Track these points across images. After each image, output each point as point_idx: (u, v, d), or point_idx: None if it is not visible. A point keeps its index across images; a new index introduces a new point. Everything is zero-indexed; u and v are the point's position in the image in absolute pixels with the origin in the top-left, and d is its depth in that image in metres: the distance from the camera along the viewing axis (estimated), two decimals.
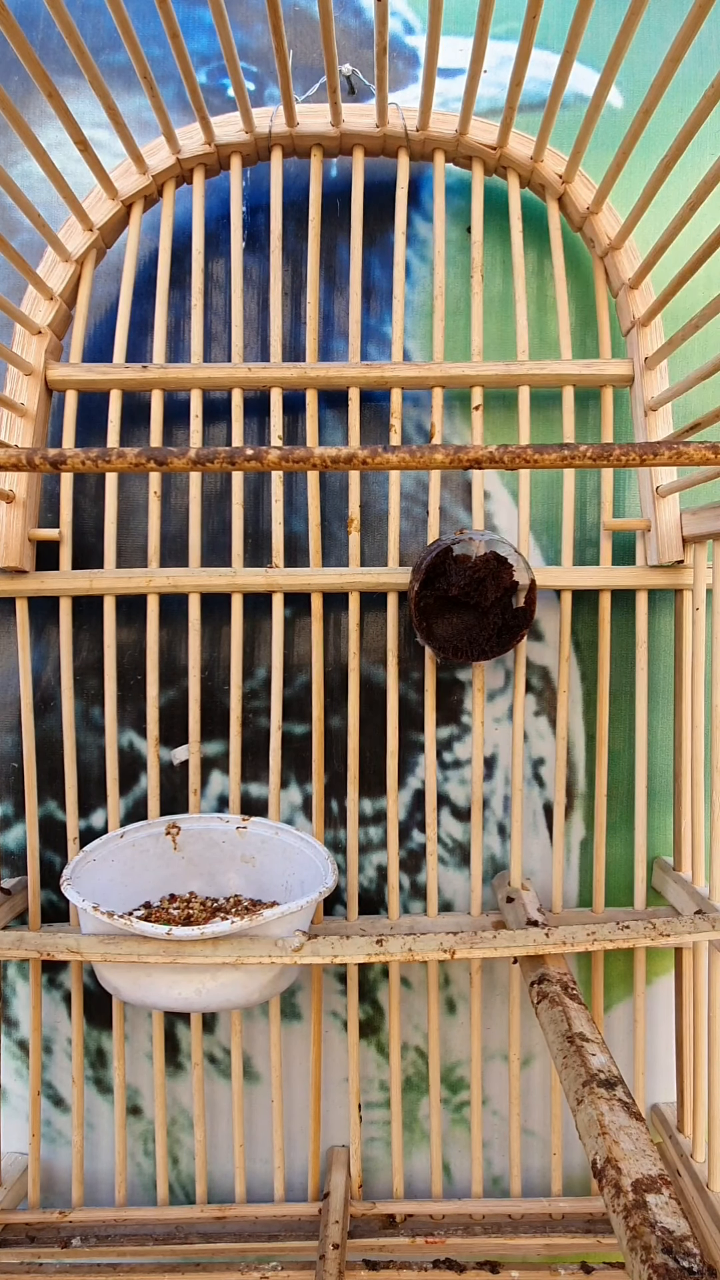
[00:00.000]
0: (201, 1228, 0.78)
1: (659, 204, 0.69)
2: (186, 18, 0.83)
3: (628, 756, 0.82)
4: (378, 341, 0.83)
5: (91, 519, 0.81)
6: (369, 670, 0.82)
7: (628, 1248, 0.39)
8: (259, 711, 0.82)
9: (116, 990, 0.63)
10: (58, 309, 0.77)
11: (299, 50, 0.83)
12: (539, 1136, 0.83)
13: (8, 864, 0.81)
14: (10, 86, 0.81)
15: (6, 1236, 0.76)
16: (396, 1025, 0.79)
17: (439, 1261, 0.74)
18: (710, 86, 0.54)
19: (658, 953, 0.82)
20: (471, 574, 0.72)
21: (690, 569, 0.77)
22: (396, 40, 0.84)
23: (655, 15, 0.79)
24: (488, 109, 0.82)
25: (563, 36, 0.61)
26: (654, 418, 0.77)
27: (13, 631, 0.81)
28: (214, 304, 0.83)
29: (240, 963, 0.59)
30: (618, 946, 0.63)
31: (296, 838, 0.73)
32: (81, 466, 0.51)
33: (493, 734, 0.83)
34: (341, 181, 0.82)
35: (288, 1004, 0.83)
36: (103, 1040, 0.83)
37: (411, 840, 0.83)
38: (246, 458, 0.51)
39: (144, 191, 0.78)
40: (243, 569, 0.78)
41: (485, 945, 0.62)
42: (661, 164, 0.63)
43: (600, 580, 0.78)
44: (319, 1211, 0.77)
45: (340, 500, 0.82)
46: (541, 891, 0.82)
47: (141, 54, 0.63)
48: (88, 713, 0.82)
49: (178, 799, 0.82)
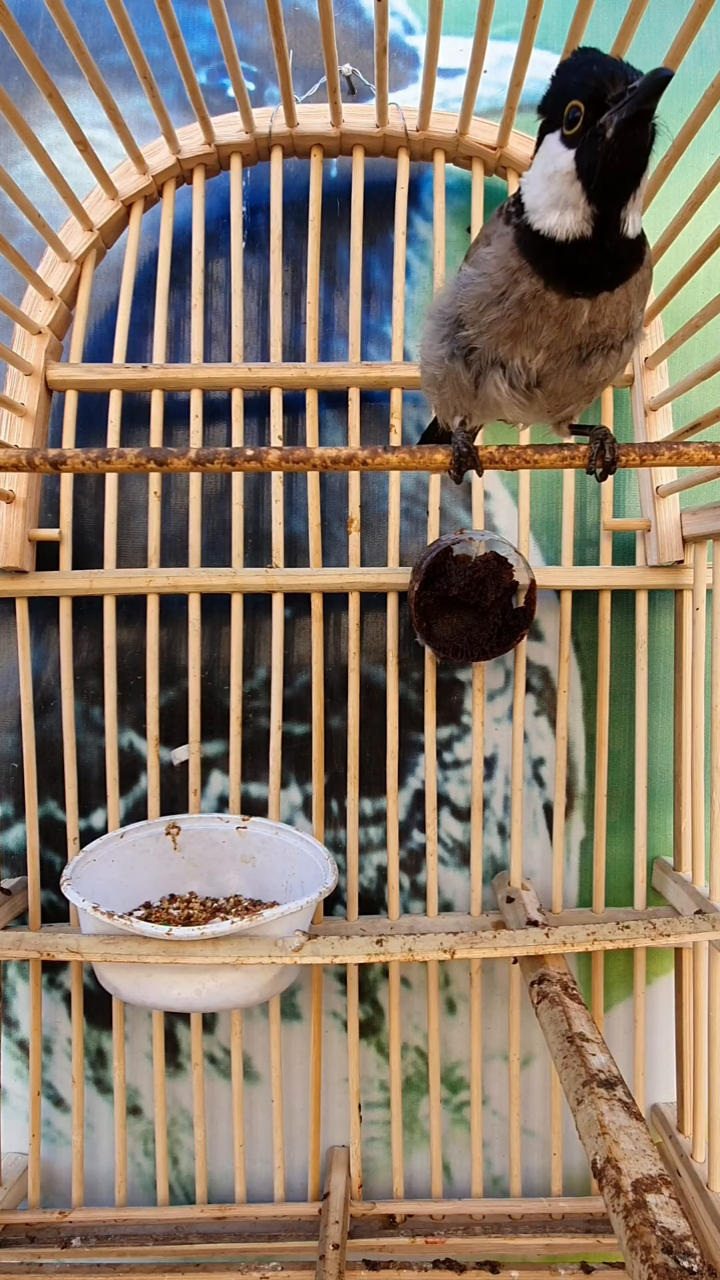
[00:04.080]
0: (201, 1228, 0.78)
1: (659, 204, 0.69)
2: (186, 18, 0.83)
3: (628, 756, 0.82)
4: (378, 341, 0.83)
5: (91, 519, 0.81)
6: (369, 670, 0.82)
7: (628, 1248, 0.39)
8: (259, 711, 0.82)
9: (116, 990, 0.63)
10: (58, 309, 0.77)
11: (299, 50, 0.83)
12: (539, 1136, 0.83)
13: (8, 864, 0.81)
14: (10, 86, 0.81)
15: (6, 1236, 0.76)
16: (396, 1025, 0.79)
17: (439, 1262, 0.74)
18: (710, 86, 0.54)
19: (658, 953, 0.82)
20: (471, 574, 0.72)
21: (690, 569, 0.77)
22: (396, 40, 0.84)
23: (655, 15, 0.78)
24: (488, 109, 0.82)
25: (563, 36, 0.61)
26: (654, 418, 0.77)
27: (13, 631, 0.81)
28: (214, 304, 0.83)
29: (240, 963, 0.59)
30: (618, 946, 0.63)
31: (297, 838, 0.73)
32: (81, 467, 0.51)
33: (493, 734, 0.83)
34: (341, 182, 0.82)
35: (288, 1004, 0.83)
36: (103, 1040, 0.83)
37: (411, 840, 0.83)
38: (246, 458, 0.51)
39: (144, 191, 0.78)
40: (243, 569, 0.78)
41: (485, 945, 0.62)
42: (661, 164, 0.63)
43: (600, 580, 0.78)
44: (319, 1211, 0.77)
45: (340, 500, 0.82)
46: (541, 891, 0.82)
47: (141, 54, 0.63)
48: (88, 713, 0.82)
49: (178, 799, 0.82)
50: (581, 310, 0.45)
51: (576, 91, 0.40)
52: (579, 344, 0.46)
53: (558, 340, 0.46)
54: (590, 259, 0.43)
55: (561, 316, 0.45)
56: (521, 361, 0.47)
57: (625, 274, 0.44)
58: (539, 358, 0.47)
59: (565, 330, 0.45)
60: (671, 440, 0.63)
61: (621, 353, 0.48)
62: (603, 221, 0.42)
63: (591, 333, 0.46)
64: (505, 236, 0.45)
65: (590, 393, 0.50)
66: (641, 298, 0.47)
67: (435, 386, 0.53)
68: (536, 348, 0.46)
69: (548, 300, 0.44)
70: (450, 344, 0.49)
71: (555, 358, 0.47)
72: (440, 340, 0.50)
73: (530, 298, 0.45)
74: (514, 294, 0.45)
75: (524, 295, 0.45)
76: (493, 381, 0.48)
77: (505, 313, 0.46)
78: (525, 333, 0.46)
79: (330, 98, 0.73)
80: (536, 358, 0.47)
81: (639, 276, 0.46)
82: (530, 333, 0.46)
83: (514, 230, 0.45)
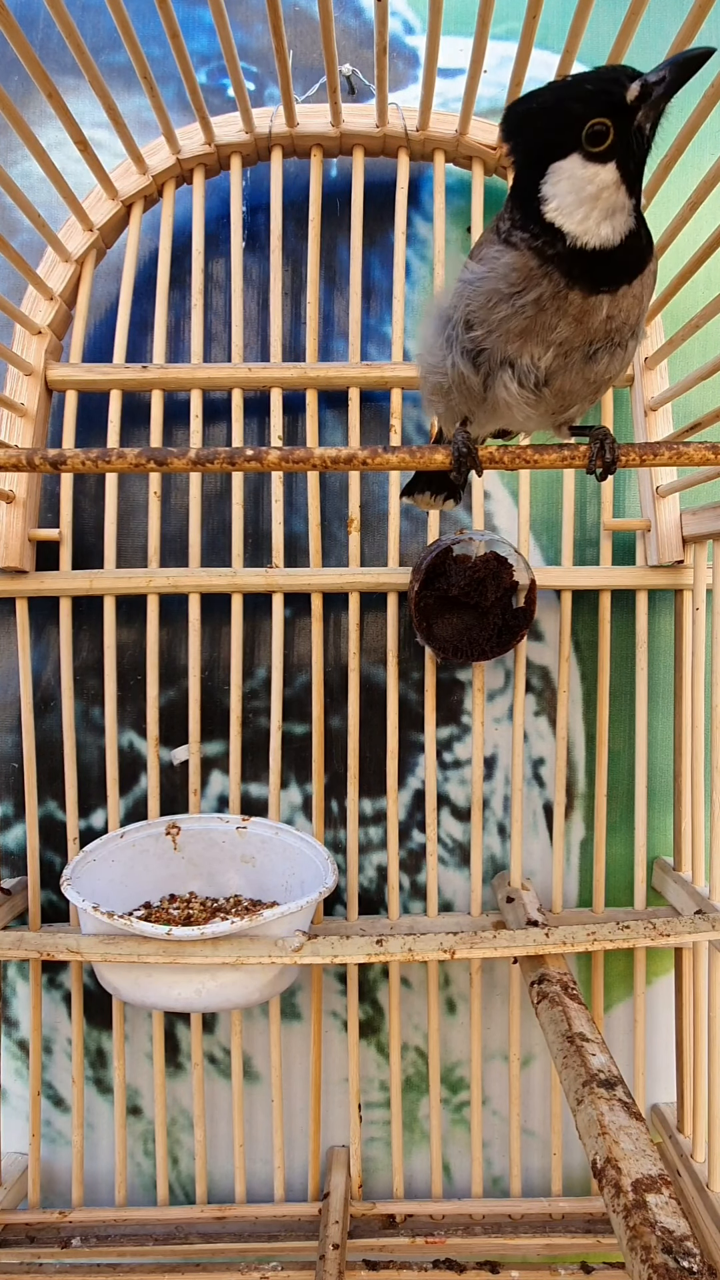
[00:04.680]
0: (201, 1228, 0.78)
1: (659, 204, 0.69)
2: (186, 18, 0.83)
3: (628, 756, 0.82)
4: (378, 341, 0.83)
5: (91, 519, 0.81)
6: (369, 670, 0.82)
7: (628, 1248, 0.39)
8: (259, 711, 0.82)
9: (116, 990, 0.63)
10: (58, 309, 0.77)
11: (299, 50, 0.83)
12: (539, 1136, 0.83)
13: (8, 864, 0.81)
14: (10, 86, 0.81)
15: (6, 1236, 0.76)
16: (396, 1025, 0.79)
17: (439, 1261, 0.74)
18: (710, 86, 0.54)
19: (658, 953, 0.82)
20: (471, 574, 0.72)
21: (690, 569, 0.77)
22: (396, 40, 0.84)
23: (655, 15, 0.78)
24: (488, 109, 0.82)
25: (563, 36, 0.61)
26: (654, 418, 0.77)
27: (13, 632, 0.81)
28: (214, 304, 0.83)
29: (240, 963, 0.59)
30: (618, 946, 0.63)
31: (297, 838, 0.73)
32: (81, 467, 0.51)
33: (493, 734, 0.83)
34: (341, 181, 0.82)
35: (288, 1004, 0.83)
36: (103, 1040, 0.83)
37: (411, 840, 0.83)
38: (246, 458, 0.51)
39: (144, 191, 0.78)
40: (243, 569, 0.78)
41: (485, 945, 0.62)
42: (661, 164, 0.63)
43: (600, 580, 0.78)
44: (319, 1212, 0.77)
45: (340, 500, 0.82)
46: (541, 891, 0.82)
47: (141, 54, 0.63)
48: (88, 713, 0.82)
49: (178, 799, 0.82)
50: (601, 306, 0.45)
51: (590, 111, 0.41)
52: (590, 340, 0.46)
53: (571, 337, 0.46)
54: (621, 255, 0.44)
55: (580, 314, 0.45)
56: (531, 359, 0.47)
57: (643, 264, 0.45)
58: (548, 355, 0.47)
59: (581, 327, 0.46)
60: (671, 440, 0.63)
61: (627, 350, 0.48)
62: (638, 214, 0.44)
63: (606, 329, 0.46)
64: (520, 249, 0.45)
65: (595, 391, 0.50)
66: (649, 291, 0.47)
67: (441, 395, 0.53)
68: (547, 345, 0.47)
69: (570, 299, 0.45)
70: (456, 346, 0.49)
71: (564, 355, 0.47)
72: (444, 344, 0.50)
73: (549, 297, 0.45)
74: (531, 293, 0.45)
75: (542, 295, 0.45)
76: (502, 381, 0.48)
77: (517, 309, 0.46)
78: (537, 330, 0.46)
79: (330, 98, 0.73)
80: (546, 355, 0.47)
81: (651, 266, 0.46)
82: (543, 330, 0.46)
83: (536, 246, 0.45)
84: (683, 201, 0.62)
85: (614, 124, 0.41)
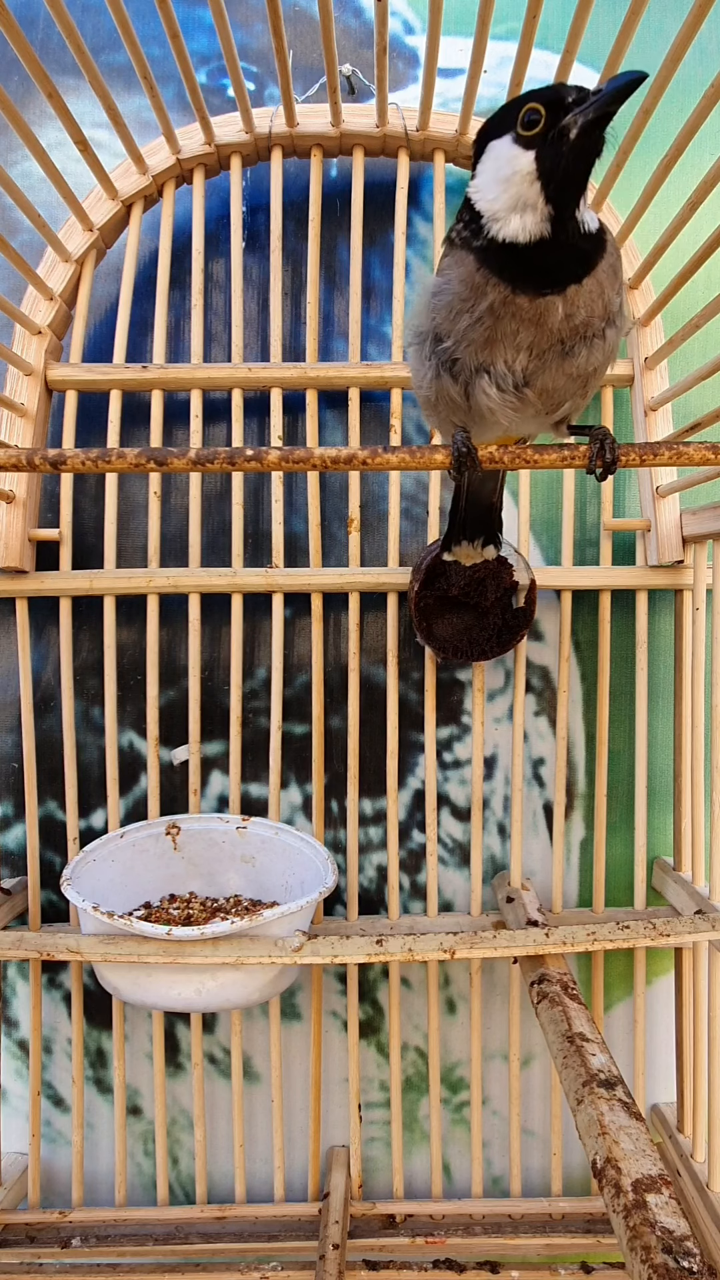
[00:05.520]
0: (201, 1228, 0.78)
1: (659, 203, 0.69)
2: (186, 18, 0.83)
3: (628, 756, 0.82)
4: (378, 341, 0.83)
5: (91, 519, 0.81)
6: (369, 670, 0.82)
7: (628, 1248, 0.39)
8: (259, 711, 0.82)
9: (116, 990, 0.63)
10: (58, 309, 0.77)
11: (299, 50, 0.83)
12: (539, 1136, 0.83)
13: (8, 864, 0.81)
14: (10, 86, 0.81)
15: (6, 1236, 0.76)
16: (396, 1025, 0.79)
17: (439, 1261, 0.74)
18: (710, 86, 0.54)
19: (658, 953, 0.82)
20: (471, 574, 0.72)
21: (690, 569, 0.77)
22: (396, 40, 0.84)
23: (655, 15, 0.78)
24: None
25: (563, 36, 0.61)
26: (654, 418, 0.77)
27: (13, 631, 0.81)
28: (214, 304, 0.83)
29: (240, 963, 0.59)
30: (618, 946, 0.63)
31: (297, 838, 0.73)
32: (81, 467, 0.51)
33: (493, 734, 0.83)
34: (341, 181, 0.82)
35: (288, 1004, 0.83)
36: (103, 1040, 0.83)
37: (411, 840, 0.83)
38: (246, 458, 0.51)
39: (144, 191, 0.78)
40: (243, 569, 0.78)
41: (485, 945, 0.62)
42: (661, 164, 0.63)
43: (600, 580, 0.78)
44: (319, 1212, 0.77)
45: (340, 500, 0.82)
46: (541, 891, 0.82)
47: (141, 54, 0.63)
48: (88, 713, 0.82)
49: (178, 799, 0.82)
50: (555, 307, 0.45)
51: (534, 96, 0.42)
52: (560, 339, 0.46)
53: (537, 339, 0.46)
54: (554, 257, 0.44)
55: (535, 317, 0.45)
56: (505, 364, 0.47)
57: (591, 264, 0.45)
58: (521, 358, 0.47)
59: (542, 329, 0.46)
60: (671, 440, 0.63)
61: (605, 339, 0.48)
62: (559, 220, 0.43)
63: (570, 325, 0.46)
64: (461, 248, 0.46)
65: (583, 385, 0.50)
66: (614, 280, 0.47)
67: (431, 408, 0.53)
68: (517, 349, 0.47)
69: (518, 304, 0.45)
70: (435, 360, 0.50)
71: (539, 355, 0.47)
72: (425, 359, 0.51)
73: (500, 304, 0.45)
74: (482, 303, 0.45)
75: (493, 303, 0.45)
76: (481, 388, 0.48)
77: (477, 319, 0.46)
78: (501, 338, 0.46)
79: (330, 98, 0.73)
80: (519, 358, 0.47)
81: (606, 262, 0.46)
82: (507, 336, 0.46)
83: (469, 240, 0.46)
84: (683, 201, 0.62)
85: (546, 114, 0.42)
